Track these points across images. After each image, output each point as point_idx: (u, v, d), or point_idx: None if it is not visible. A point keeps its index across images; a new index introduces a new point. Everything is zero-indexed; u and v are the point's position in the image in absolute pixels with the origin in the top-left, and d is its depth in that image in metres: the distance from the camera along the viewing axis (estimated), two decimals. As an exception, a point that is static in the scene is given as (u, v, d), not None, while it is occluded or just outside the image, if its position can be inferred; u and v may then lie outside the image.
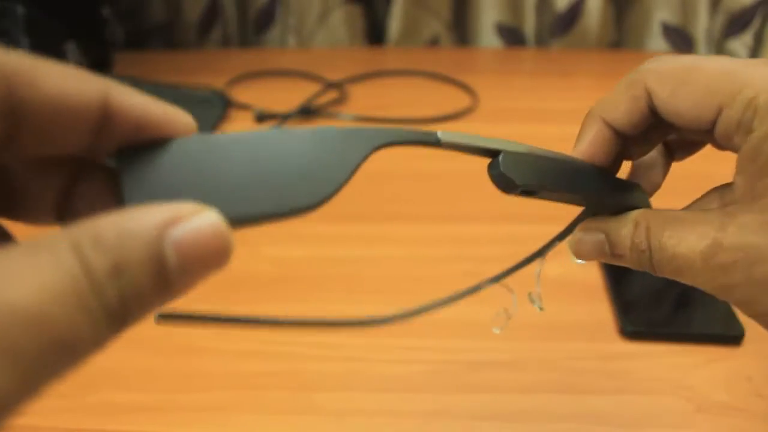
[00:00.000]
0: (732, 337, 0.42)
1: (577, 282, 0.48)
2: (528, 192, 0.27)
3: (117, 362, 0.40)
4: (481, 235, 0.53)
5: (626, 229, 0.27)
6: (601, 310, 0.45)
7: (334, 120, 0.72)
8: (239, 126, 0.71)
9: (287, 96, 0.75)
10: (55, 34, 0.67)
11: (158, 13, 0.94)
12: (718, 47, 0.91)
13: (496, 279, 0.31)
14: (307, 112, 0.73)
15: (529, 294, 0.33)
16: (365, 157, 0.23)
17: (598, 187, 0.28)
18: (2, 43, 0.63)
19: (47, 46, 0.65)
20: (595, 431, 0.36)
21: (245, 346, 0.42)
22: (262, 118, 0.71)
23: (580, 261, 0.31)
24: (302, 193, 0.21)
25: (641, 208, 0.28)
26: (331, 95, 0.77)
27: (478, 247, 0.51)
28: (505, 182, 0.26)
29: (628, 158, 0.30)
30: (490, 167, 0.26)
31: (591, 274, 0.48)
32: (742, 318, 0.43)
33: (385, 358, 0.41)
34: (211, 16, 0.95)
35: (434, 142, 0.25)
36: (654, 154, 0.30)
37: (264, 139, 0.21)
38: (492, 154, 0.26)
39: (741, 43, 0.89)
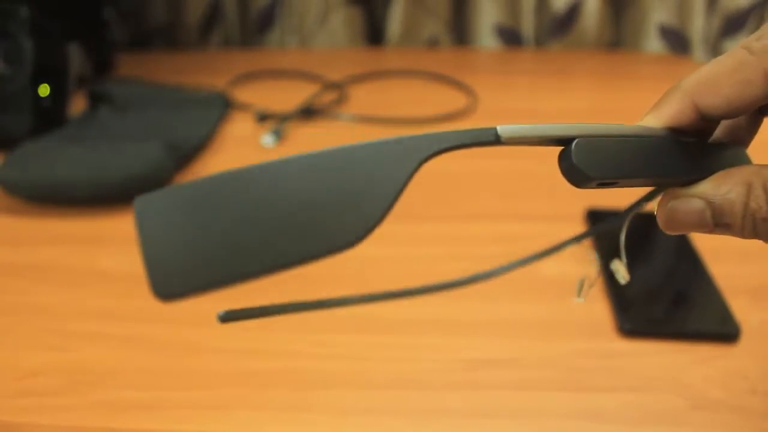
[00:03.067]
0: (727, 335, 0.42)
1: (575, 280, 0.48)
2: (605, 183, 0.23)
3: (118, 361, 0.41)
4: (479, 234, 0.53)
5: (735, 192, 0.22)
6: (598, 309, 0.45)
7: (334, 120, 0.73)
8: (240, 126, 0.71)
9: (288, 96, 0.76)
10: (58, 34, 0.67)
11: (160, 14, 0.95)
12: (714, 48, 0.91)
13: (578, 239, 0.28)
14: (307, 112, 0.73)
15: (612, 263, 0.29)
16: (411, 175, 0.19)
17: (689, 164, 0.23)
18: (6, 44, 0.63)
19: (50, 47, 0.66)
20: (592, 429, 0.37)
21: (245, 345, 0.42)
22: (262, 118, 0.71)
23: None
24: (339, 230, 0.18)
25: None
26: (332, 95, 0.78)
27: (476, 246, 0.52)
28: (578, 176, 0.22)
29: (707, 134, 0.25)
30: (561, 159, 0.22)
31: (589, 273, 0.48)
32: (739, 316, 0.43)
33: (385, 356, 0.41)
34: (212, 17, 0.96)
35: (493, 142, 0.21)
36: None
37: (292, 167, 0.18)
38: (562, 142, 0.22)
39: (737, 44, 0.90)
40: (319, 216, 0.18)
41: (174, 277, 0.16)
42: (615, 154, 0.22)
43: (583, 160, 0.22)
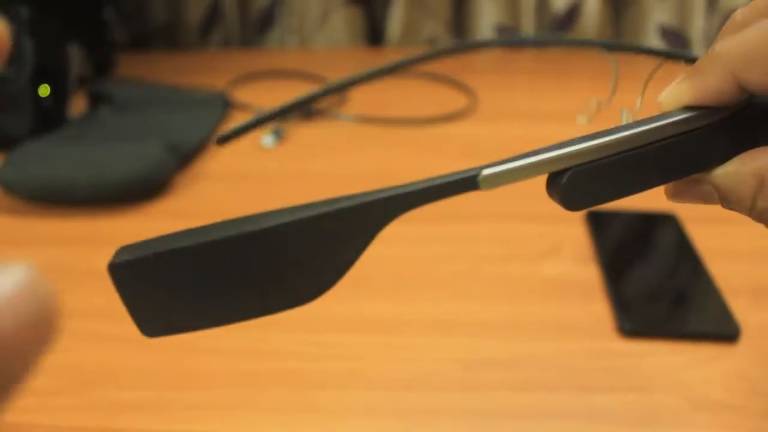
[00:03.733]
0: (728, 335, 0.42)
1: (575, 280, 0.48)
2: None
3: (117, 361, 0.41)
4: (479, 234, 0.53)
5: (746, 185, 0.21)
6: (599, 309, 0.45)
7: (334, 120, 0.73)
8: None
9: (288, 96, 0.76)
10: (58, 35, 0.67)
11: (160, 14, 0.95)
12: (716, 48, 0.91)
13: (611, 49, 0.25)
14: (307, 112, 0.73)
15: (624, 109, 0.26)
16: (372, 240, 0.19)
17: (703, 159, 0.21)
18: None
19: (51, 47, 0.66)
20: (592, 429, 0.37)
21: (244, 345, 0.42)
22: (262, 118, 0.71)
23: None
24: (296, 292, 0.19)
25: None
26: (332, 95, 0.78)
27: (476, 246, 0.52)
28: (570, 208, 0.21)
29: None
30: (552, 189, 0.21)
31: (589, 273, 0.48)
32: (739, 316, 0.43)
33: (384, 356, 0.41)
34: (212, 18, 0.96)
35: (471, 189, 0.20)
36: None
37: (254, 239, 0.18)
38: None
39: None
40: (280, 281, 0.18)
41: (155, 324, 0.18)
42: (613, 177, 0.20)
43: (576, 196, 0.20)
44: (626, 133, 0.20)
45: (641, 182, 0.21)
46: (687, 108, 0.21)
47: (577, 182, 0.20)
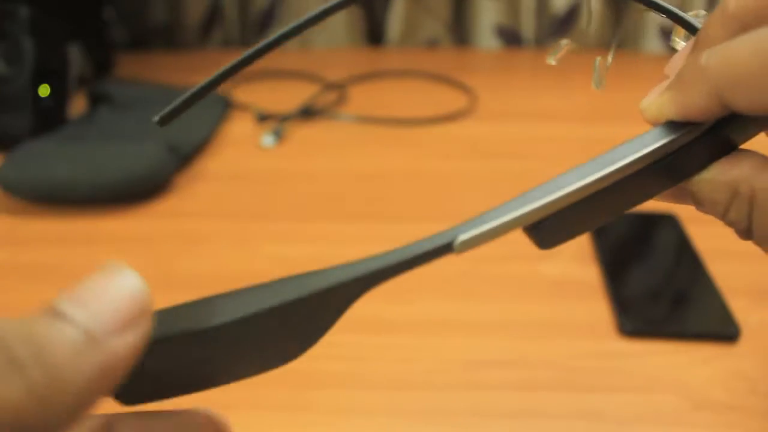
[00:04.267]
0: (728, 335, 0.42)
1: (575, 281, 0.48)
2: None
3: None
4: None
5: (720, 194, 0.20)
6: (599, 309, 0.45)
7: (334, 120, 0.73)
8: (240, 126, 0.71)
9: (288, 96, 0.76)
10: (58, 35, 0.67)
11: (160, 14, 0.95)
12: (716, 48, 0.91)
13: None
14: (307, 112, 0.73)
15: (597, 60, 0.25)
16: (338, 319, 0.19)
17: (682, 173, 0.21)
18: (6, 44, 0.63)
19: (51, 47, 0.66)
20: (593, 429, 0.37)
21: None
22: (262, 118, 0.71)
23: None
24: (265, 362, 0.21)
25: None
26: (332, 95, 0.78)
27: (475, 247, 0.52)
28: (546, 247, 0.21)
29: None
30: (527, 231, 0.21)
31: (589, 273, 0.48)
32: (739, 316, 0.43)
33: (385, 356, 0.41)
34: (212, 17, 0.96)
35: (445, 253, 0.20)
36: None
37: (225, 331, 0.19)
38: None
39: None
40: (252, 356, 0.20)
41: (139, 395, 0.20)
42: (593, 211, 0.21)
43: (555, 237, 0.21)
44: (606, 172, 0.20)
45: (622, 206, 0.21)
46: (665, 126, 0.21)
47: (556, 225, 0.20)
